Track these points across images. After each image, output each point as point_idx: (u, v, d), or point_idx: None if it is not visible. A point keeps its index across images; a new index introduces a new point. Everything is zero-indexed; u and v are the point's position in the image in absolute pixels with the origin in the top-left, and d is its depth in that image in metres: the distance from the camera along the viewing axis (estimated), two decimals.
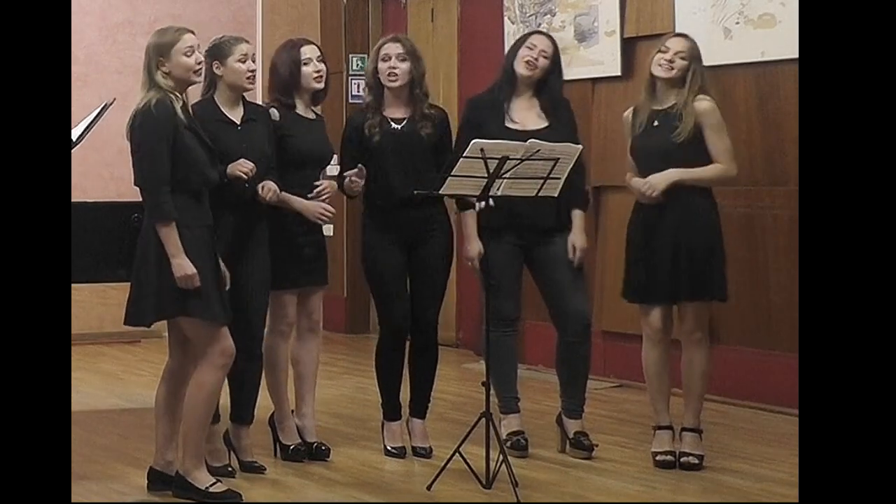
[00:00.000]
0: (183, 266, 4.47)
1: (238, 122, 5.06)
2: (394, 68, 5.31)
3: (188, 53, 4.61)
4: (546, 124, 5.37)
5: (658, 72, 5.16)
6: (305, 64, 5.27)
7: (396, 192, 5.27)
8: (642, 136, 5.20)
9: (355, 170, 5.19)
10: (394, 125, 5.35)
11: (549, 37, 5.55)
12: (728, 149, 5.21)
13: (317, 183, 5.25)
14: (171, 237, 4.48)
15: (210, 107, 5.01)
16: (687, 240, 5.12)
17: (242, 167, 4.88)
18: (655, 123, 5.18)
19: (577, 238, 5.40)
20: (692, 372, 5.25)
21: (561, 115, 5.44)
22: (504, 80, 5.43)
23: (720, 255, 5.22)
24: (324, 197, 5.24)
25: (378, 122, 5.33)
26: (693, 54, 5.18)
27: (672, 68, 5.15)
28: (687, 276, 5.12)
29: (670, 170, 5.11)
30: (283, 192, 5.10)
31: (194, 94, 4.90)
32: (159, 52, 4.58)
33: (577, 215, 5.43)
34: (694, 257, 5.13)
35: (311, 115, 5.36)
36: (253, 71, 5.05)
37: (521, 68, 5.37)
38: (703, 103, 5.16)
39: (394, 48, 5.34)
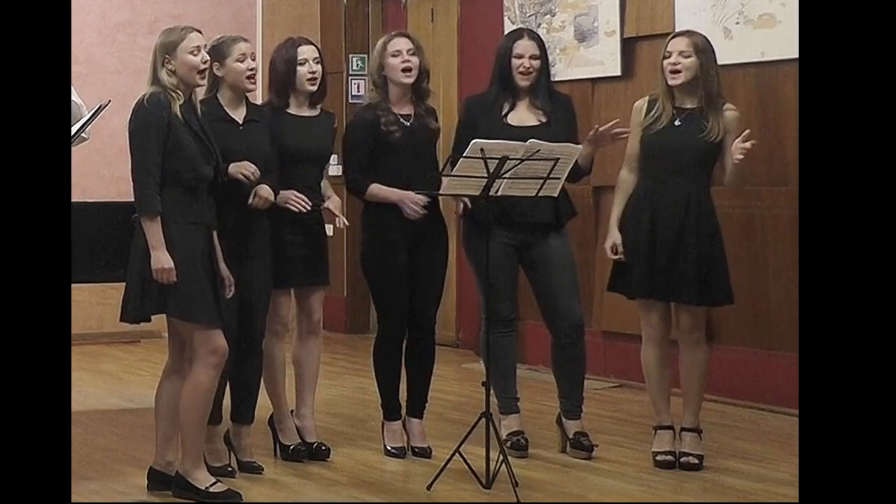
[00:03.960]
0: (160, 259, 4.46)
1: (240, 122, 5.06)
2: (407, 62, 5.31)
3: (194, 52, 4.62)
4: (544, 120, 5.38)
5: (669, 80, 5.15)
6: (301, 64, 5.25)
7: (413, 188, 5.25)
8: (663, 134, 5.16)
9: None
10: (403, 121, 5.35)
11: (531, 35, 5.51)
12: None
13: (324, 206, 5.27)
14: (153, 230, 4.48)
15: (213, 106, 5.01)
16: (693, 242, 5.13)
17: (245, 170, 4.87)
18: (677, 123, 5.17)
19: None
20: (691, 372, 5.26)
21: (559, 112, 5.44)
22: (500, 88, 5.42)
23: (724, 258, 5.25)
24: (342, 221, 5.29)
25: (393, 120, 5.32)
26: (698, 48, 5.15)
27: (679, 71, 5.14)
28: (694, 279, 5.13)
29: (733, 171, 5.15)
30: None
31: (198, 93, 4.90)
32: (165, 50, 4.58)
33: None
34: (706, 262, 5.14)
35: (308, 114, 5.34)
36: (253, 70, 5.05)
37: (521, 79, 5.37)
38: (734, 113, 5.23)
39: (404, 43, 5.34)
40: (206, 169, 4.66)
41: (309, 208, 5.18)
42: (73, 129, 5.49)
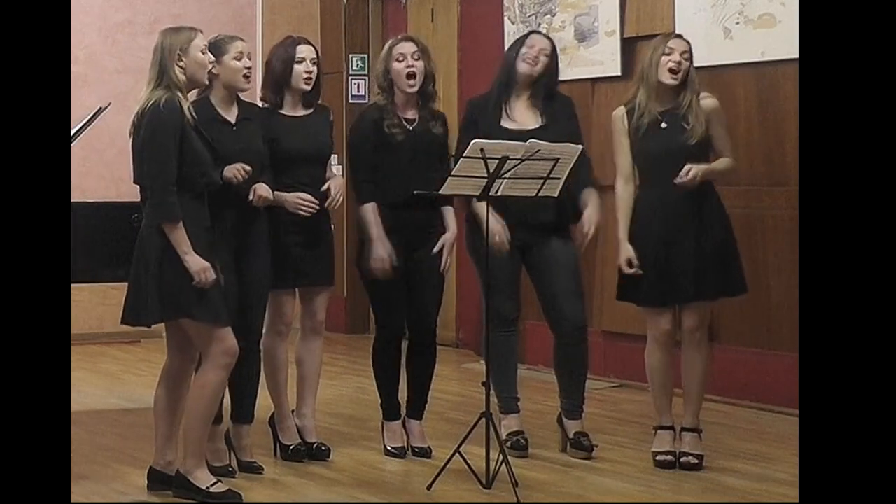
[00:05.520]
0: (196, 262, 4.47)
1: (233, 122, 5.06)
2: (412, 67, 5.30)
3: (203, 52, 4.64)
4: (542, 123, 5.38)
5: (668, 78, 5.12)
6: (298, 62, 5.25)
7: (412, 191, 5.23)
8: (650, 138, 5.15)
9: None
10: (407, 125, 5.34)
11: (548, 37, 5.56)
12: (730, 142, 5.32)
13: (324, 189, 5.25)
14: (180, 236, 4.48)
15: (205, 107, 4.99)
16: (711, 238, 5.14)
17: (238, 172, 4.86)
18: (663, 125, 5.16)
19: (592, 213, 5.37)
20: (693, 372, 5.25)
21: (559, 114, 5.44)
22: (503, 79, 5.42)
23: (737, 248, 5.27)
24: (333, 200, 5.24)
25: (397, 122, 5.32)
26: (691, 53, 5.19)
27: (678, 72, 5.14)
28: (713, 273, 5.14)
29: (702, 165, 5.10)
30: (276, 192, 5.10)
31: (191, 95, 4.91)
32: (177, 48, 4.58)
33: (590, 192, 5.40)
34: (720, 254, 5.16)
35: (302, 113, 5.32)
36: (249, 69, 5.05)
37: (522, 66, 5.37)
38: (711, 101, 5.22)
39: (409, 47, 5.33)
40: (216, 174, 4.69)
41: (317, 209, 5.19)
42: (72, 132, 5.51)
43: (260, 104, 5.37)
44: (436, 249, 5.32)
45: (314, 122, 5.33)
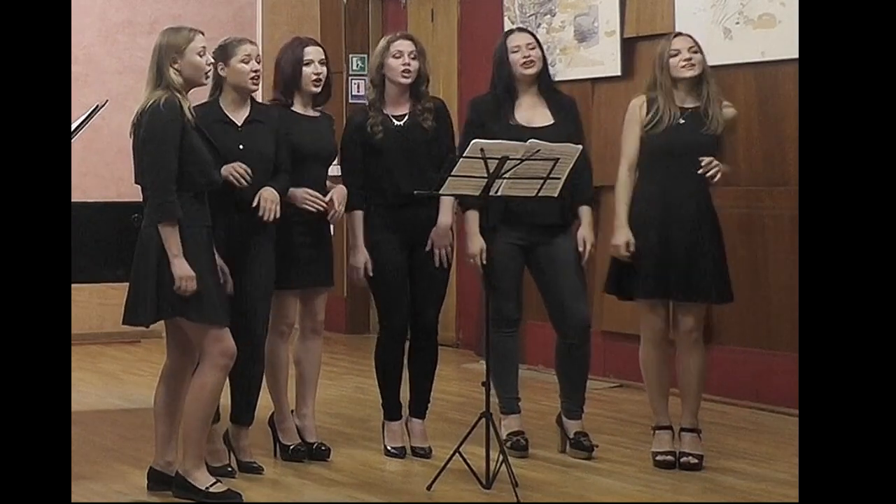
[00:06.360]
0: (182, 268, 4.47)
1: (240, 124, 5.06)
2: (407, 65, 5.31)
3: (201, 54, 4.63)
4: (552, 122, 5.38)
5: (683, 73, 5.14)
6: (307, 64, 5.26)
7: (401, 190, 5.25)
8: (669, 133, 5.14)
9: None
10: (395, 122, 5.35)
11: (522, 29, 5.68)
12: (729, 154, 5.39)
13: (327, 199, 5.25)
14: (173, 237, 4.48)
15: (213, 108, 5.02)
16: (707, 240, 5.16)
17: (233, 170, 4.87)
18: (681, 121, 5.16)
19: (586, 233, 5.40)
20: (689, 372, 5.25)
21: (567, 114, 5.45)
22: (504, 79, 5.41)
23: (725, 255, 5.27)
24: (336, 213, 5.24)
25: (380, 121, 5.33)
26: (700, 47, 5.22)
27: (694, 65, 5.16)
28: (712, 277, 5.15)
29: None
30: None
31: (201, 95, 4.91)
32: (173, 51, 4.57)
33: (585, 211, 5.44)
34: (715, 259, 5.17)
35: (312, 114, 5.35)
36: (257, 71, 5.06)
37: (524, 70, 5.37)
38: (732, 110, 5.28)
39: (407, 45, 5.34)
40: (217, 174, 4.69)
41: (325, 206, 5.19)
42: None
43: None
44: (428, 247, 5.33)
45: (322, 125, 5.35)
